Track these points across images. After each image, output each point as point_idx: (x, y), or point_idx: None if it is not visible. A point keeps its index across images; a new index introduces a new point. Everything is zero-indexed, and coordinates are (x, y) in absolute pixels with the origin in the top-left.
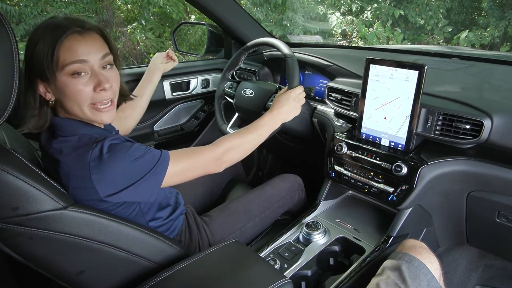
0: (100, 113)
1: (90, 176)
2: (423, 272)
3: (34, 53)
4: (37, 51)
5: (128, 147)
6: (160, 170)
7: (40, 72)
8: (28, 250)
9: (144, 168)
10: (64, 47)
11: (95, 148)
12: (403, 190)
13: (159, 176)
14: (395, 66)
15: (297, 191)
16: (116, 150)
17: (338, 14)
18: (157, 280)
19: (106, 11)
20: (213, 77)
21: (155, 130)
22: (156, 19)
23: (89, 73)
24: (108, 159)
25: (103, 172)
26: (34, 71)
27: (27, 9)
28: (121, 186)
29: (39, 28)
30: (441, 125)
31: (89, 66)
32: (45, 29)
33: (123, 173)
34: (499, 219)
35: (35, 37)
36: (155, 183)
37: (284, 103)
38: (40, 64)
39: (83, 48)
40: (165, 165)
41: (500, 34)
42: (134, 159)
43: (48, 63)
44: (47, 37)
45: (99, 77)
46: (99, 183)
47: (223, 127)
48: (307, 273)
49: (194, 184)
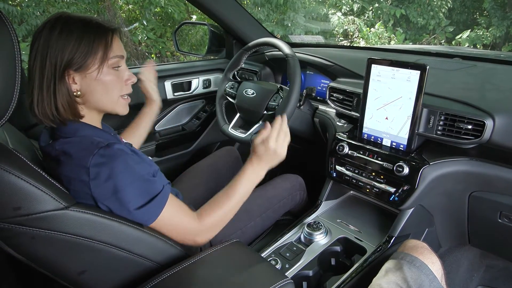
0: (125, 104)
1: (89, 181)
2: (424, 272)
3: (79, 47)
4: (83, 45)
5: (132, 161)
6: (160, 201)
7: (81, 64)
8: (30, 250)
9: (148, 190)
10: (113, 43)
11: (96, 154)
12: (405, 190)
13: (159, 205)
14: (397, 66)
15: (298, 191)
16: (120, 162)
17: (339, 14)
18: (158, 280)
19: (108, 11)
20: (215, 77)
21: (156, 130)
22: (158, 19)
23: (122, 67)
24: (110, 169)
25: (101, 180)
26: (72, 64)
27: (29, 10)
28: (117, 200)
29: (71, 26)
30: (443, 125)
31: (123, 62)
32: (85, 27)
33: (124, 187)
34: (501, 220)
35: (73, 34)
36: (156, 210)
37: (263, 152)
38: (86, 56)
39: (121, 45)
40: (165, 198)
41: (502, 34)
42: (137, 176)
43: (99, 56)
44: (92, 33)
45: (127, 71)
46: (96, 189)
47: (224, 127)
48: (308, 273)
49: (194, 184)
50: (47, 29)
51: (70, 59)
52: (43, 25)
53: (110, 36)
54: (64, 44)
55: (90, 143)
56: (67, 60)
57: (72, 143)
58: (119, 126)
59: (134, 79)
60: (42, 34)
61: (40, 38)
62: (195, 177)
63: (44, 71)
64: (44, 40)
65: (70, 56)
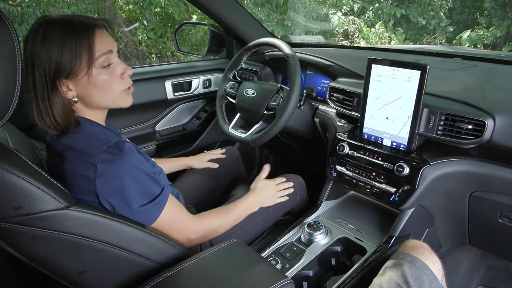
0: (127, 96)
1: (95, 178)
2: (425, 272)
3: (63, 55)
4: (66, 51)
5: (138, 161)
6: (161, 202)
7: (70, 72)
8: (30, 249)
9: (150, 191)
10: (96, 41)
11: (104, 151)
12: (405, 190)
13: (159, 206)
14: (397, 66)
15: (298, 191)
16: (128, 161)
17: (339, 14)
18: (158, 280)
19: (108, 11)
20: (215, 77)
21: (156, 130)
22: (158, 20)
23: (114, 62)
24: (117, 167)
25: (107, 178)
26: (61, 72)
27: (30, 10)
28: (122, 199)
29: (53, 31)
30: (443, 125)
31: (113, 56)
32: (65, 30)
33: (128, 187)
34: (501, 220)
35: (55, 40)
36: (157, 210)
37: (261, 190)
38: (71, 63)
39: (108, 39)
40: (165, 199)
41: (503, 34)
42: (143, 175)
43: (84, 60)
44: (73, 36)
45: (121, 64)
46: (101, 186)
47: (224, 127)
48: (308, 274)
49: (195, 184)
50: (31, 36)
51: (57, 68)
52: (28, 33)
53: (91, 35)
54: (48, 52)
55: (98, 140)
56: (54, 69)
57: (79, 139)
58: (122, 125)
59: (130, 71)
60: (28, 43)
61: (26, 47)
62: (195, 177)
63: (36, 82)
64: (30, 50)
65: (56, 65)
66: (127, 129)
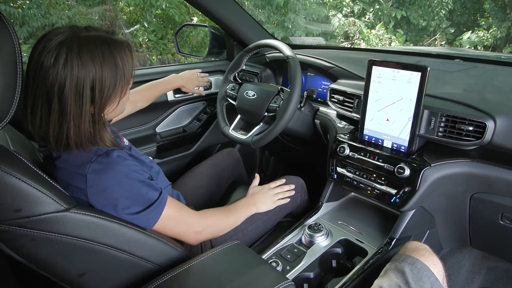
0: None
1: (85, 189)
2: (426, 274)
3: (103, 80)
4: (106, 77)
5: (130, 169)
6: (159, 207)
7: (103, 106)
8: (30, 251)
9: (146, 197)
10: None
11: (94, 162)
12: (406, 192)
13: (157, 211)
14: (398, 68)
15: (299, 193)
16: (117, 170)
17: (340, 15)
18: (159, 282)
19: (109, 13)
20: (215, 79)
21: (157, 132)
22: (159, 21)
23: None
24: (107, 177)
25: (97, 189)
26: (104, 96)
27: (30, 12)
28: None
29: (91, 52)
30: (444, 126)
31: None
32: (101, 50)
33: (120, 197)
34: (502, 221)
35: (93, 62)
36: (155, 215)
37: (254, 196)
38: (108, 99)
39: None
40: (163, 204)
41: (503, 35)
42: (136, 183)
43: (119, 91)
44: (109, 59)
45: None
46: (93, 197)
47: (225, 129)
48: (309, 275)
49: (196, 186)
50: (48, 59)
51: (101, 92)
52: (39, 53)
53: (130, 70)
54: (82, 81)
55: (88, 149)
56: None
57: None
58: (123, 127)
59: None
60: (43, 66)
61: (40, 69)
62: (196, 179)
63: (66, 106)
64: (53, 76)
65: (101, 86)
66: (128, 131)
